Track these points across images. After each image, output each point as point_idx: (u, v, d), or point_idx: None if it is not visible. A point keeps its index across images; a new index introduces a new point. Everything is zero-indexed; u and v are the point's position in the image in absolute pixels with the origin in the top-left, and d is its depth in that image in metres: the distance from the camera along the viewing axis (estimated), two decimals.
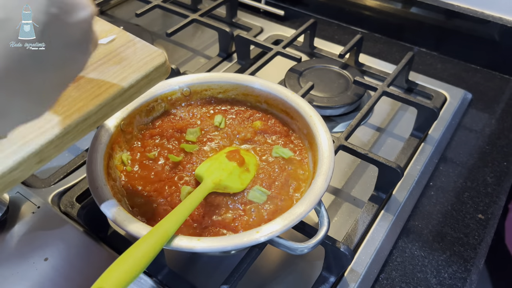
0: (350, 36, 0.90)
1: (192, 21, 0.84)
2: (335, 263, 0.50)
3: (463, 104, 0.77)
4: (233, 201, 0.49)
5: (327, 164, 0.47)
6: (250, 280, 0.51)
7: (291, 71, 0.78)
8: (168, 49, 0.90)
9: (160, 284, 0.50)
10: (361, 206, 0.60)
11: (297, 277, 0.52)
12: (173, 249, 0.40)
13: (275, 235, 0.41)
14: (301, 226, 0.50)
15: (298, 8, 1.01)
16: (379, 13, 0.93)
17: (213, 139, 0.56)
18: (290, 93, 0.57)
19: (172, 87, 0.58)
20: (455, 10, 0.84)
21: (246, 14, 0.98)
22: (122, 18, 0.99)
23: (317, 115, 0.53)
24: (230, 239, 0.41)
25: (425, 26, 0.89)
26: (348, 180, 0.64)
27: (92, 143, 0.49)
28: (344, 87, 0.76)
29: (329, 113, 0.73)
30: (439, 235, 0.57)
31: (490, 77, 0.84)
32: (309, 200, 0.44)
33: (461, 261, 0.55)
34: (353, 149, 0.59)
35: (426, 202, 0.61)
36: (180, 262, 0.53)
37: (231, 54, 0.86)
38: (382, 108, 0.76)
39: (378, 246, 0.55)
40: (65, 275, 0.48)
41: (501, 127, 0.74)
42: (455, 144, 0.70)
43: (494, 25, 0.81)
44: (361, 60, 0.84)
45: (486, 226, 0.59)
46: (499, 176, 0.65)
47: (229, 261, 0.53)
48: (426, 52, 0.90)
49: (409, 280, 0.53)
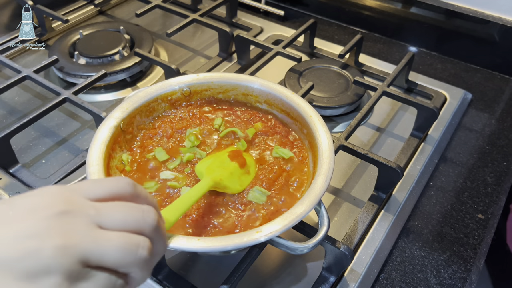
0: (350, 36, 0.90)
1: (192, 21, 0.84)
2: (335, 263, 0.50)
3: (463, 104, 0.77)
4: (233, 202, 0.49)
5: (327, 164, 0.47)
6: (250, 280, 0.51)
7: (291, 71, 0.78)
8: (168, 49, 0.90)
9: (160, 284, 0.50)
10: (361, 206, 0.60)
11: (297, 277, 0.52)
12: (173, 249, 0.40)
13: (275, 235, 0.41)
14: (301, 226, 0.50)
15: (298, 8, 1.01)
16: (379, 13, 0.93)
17: (213, 140, 0.56)
18: (290, 93, 0.57)
19: (172, 87, 0.58)
20: (455, 10, 0.84)
21: (246, 14, 0.98)
22: (122, 18, 0.99)
23: (317, 115, 0.53)
24: (230, 239, 0.41)
25: (425, 26, 0.89)
26: (348, 180, 0.64)
27: (92, 143, 0.49)
28: (344, 87, 0.76)
29: (329, 113, 0.73)
30: (439, 235, 0.57)
31: (490, 77, 0.84)
32: (309, 200, 0.44)
33: (461, 261, 0.55)
34: (353, 149, 0.59)
35: (426, 202, 0.61)
36: (180, 262, 0.53)
37: (231, 54, 0.86)
38: (382, 108, 0.76)
39: (378, 246, 0.55)
40: None
41: (501, 127, 0.74)
42: (455, 144, 0.70)
43: (494, 25, 0.81)
44: (361, 60, 0.84)
45: (486, 226, 0.59)
46: (499, 176, 0.65)
47: (229, 261, 0.53)
48: (426, 52, 0.90)
49: (409, 280, 0.53)
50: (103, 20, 0.98)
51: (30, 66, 0.73)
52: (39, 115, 0.64)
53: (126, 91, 0.79)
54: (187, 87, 0.58)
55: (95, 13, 0.99)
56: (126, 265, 0.29)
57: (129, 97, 0.56)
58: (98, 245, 0.28)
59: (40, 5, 0.87)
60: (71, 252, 0.27)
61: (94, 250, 0.28)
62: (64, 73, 0.78)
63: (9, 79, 0.70)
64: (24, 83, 0.73)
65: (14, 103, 0.76)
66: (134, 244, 0.29)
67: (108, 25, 0.90)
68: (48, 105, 0.65)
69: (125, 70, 0.79)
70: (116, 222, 0.30)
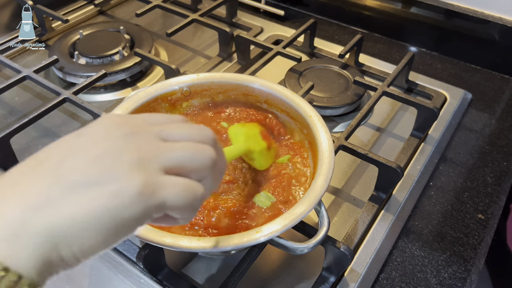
0: (350, 36, 0.90)
1: (192, 21, 0.84)
2: (335, 263, 0.50)
3: (463, 104, 0.77)
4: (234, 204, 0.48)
5: (327, 164, 0.47)
6: (250, 280, 0.51)
7: (291, 71, 0.78)
8: (168, 49, 0.90)
9: (160, 284, 0.50)
10: (361, 206, 0.60)
11: (297, 277, 0.52)
12: (173, 249, 0.40)
13: (275, 235, 0.41)
14: (301, 226, 0.50)
15: (298, 8, 1.01)
16: (379, 13, 0.93)
17: None
18: (290, 93, 0.57)
19: (172, 87, 0.58)
20: (455, 10, 0.84)
21: (246, 14, 0.98)
22: (122, 18, 0.99)
23: (317, 115, 0.53)
24: (230, 239, 0.41)
25: (425, 26, 0.89)
26: (348, 180, 0.64)
27: None
28: (344, 87, 0.76)
29: (329, 113, 0.73)
30: (439, 235, 0.57)
31: (490, 77, 0.84)
32: (309, 200, 0.44)
33: (461, 261, 0.55)
34: (353, 149, 0.59)
35: (426, 202, 0.61)
36: (180, 262, 0.53)
37: (231, 54, 0.86)
38: (382, 108, 0.76)
39: (378, 246, 0.55)
40: (59, 277, 0.48)
41: (501, 127, 0.74)
42: (455, 144, 0.70)
43: (494, 25, 0.81)
44: (361, 60, 0.84)
45: (486, 226, 0.59)
46: (499, 176, 0.65)
47: (229, 261, 0.53)
48: (426, 52, 0.90)
49: (409, 280, 0.53)
50: (103, 20, 0.98)
51: (30, 66, 0.73)
52: (39, 115, 0.64)
53: (126, 91, 0.79)
54: (187, 87, 0.58)
55: (95, 13, 0.99)
56: (199, 168, 0.31)
57: (129, 97, 0.56)
58: (173, 151, 0.30)
59: (40, 5, 0.87)
60: (148, 162, 0.28)
61: (169, 156, 0.30)
62: (64, 73, 0.78)
63: (9, 79, 0.70)
64: (24, 83, 0.73)
65: (14, 103, 0.76)
66: (202, 147, 0.31)
67: (108, 25, 0.90)
68: (48, 105, 0.65)
69: (125, 70, 0.79)
70: (181, 136, 0.31)
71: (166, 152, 0.30)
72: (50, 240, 0.25)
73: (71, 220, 0.25)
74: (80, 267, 0.49)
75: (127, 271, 0.51)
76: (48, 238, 0.25)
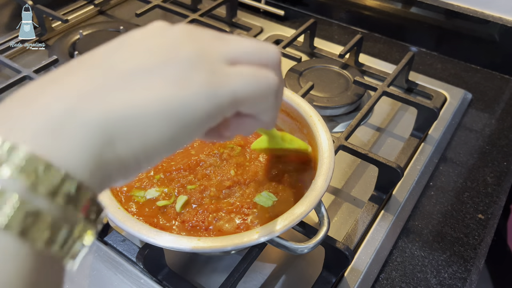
0: (350, 36, 0.90)
1: (192, 21, 0.84)
2: (335, 263, 0.50)
3: (463, 104, 0.77)
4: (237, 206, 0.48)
5: (327, 164, 0.47)
6: (250, 280, 0.51)
7: (291, 71, 0.78)
8: None
9: (160, 284, 0.50)
10: (361, 206, 0.60)
11: (297, 277, 0.52)
12: (173, 249, 0.40)
13: (275, 235, 0.41)
14: (301, 226, 0.50)
15: (298, 8, 1.01)
16: (379, 13, 0.93)
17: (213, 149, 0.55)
18: (290, 93, 0.57)
19: None
20: (455, 10, 0.84)
21: (246, 14, 0.98)
22: (122, 18, 0.99)
23: (317, 115, 0.53)
24: (230, 239, 0.41)
25: (425, 26, 0.89)
26: (348, 180, 0.64)
27: None
28: (344, 87, 0.76)
29: (329, 113, 0.73)
30: (439, 235, 0.57)
31: (490, 77, 0.84)
32: (309, 200, 0.44)
33: (461, 261, 0.55)
34: (353, 149, 0.59)
35: (426, 202, 0.61)
36: (180, 262, 0.53)
37: None
38: (382, 108, 0.76)
39: (378, 246, 0.55)
40: None
41: (501, 127, 0.74)
42: (455, 144, 0.70)
43: (494, 25, 0.81)
44: (361, 60, 0.84)
45: (486, 226, 0.59)
46: (499, 176, 0.65)
47: (229, 261, 0.53)
48: (426, 52, 0.90)
49: (409, 280, 0.53)
50: (103, 20, 0.98)
51: (30, 66, 0.73)
52: None
53: None
54: None
55: (95, 13, 0.99)
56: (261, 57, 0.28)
57: None
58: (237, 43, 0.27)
59: (40, 5, 0.87)
60: (211, 55, 0.25)
61: (235, 48, 0.27)
62: None
63: (9, 79, 0.70)
64: (24, 83, 0.73)
65: None
66: (264, 44, 0.29)
67: (108, 25, 0.90)
68: None
69: None
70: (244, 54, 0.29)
71: (229, 44, 0.27)
72: (104, 132, 0.21)
73: (130, 108, 0.21)
74: (80, 267, 0.50)
75: (127, 271, 0.51)
76: (101, 129, 0.21)
